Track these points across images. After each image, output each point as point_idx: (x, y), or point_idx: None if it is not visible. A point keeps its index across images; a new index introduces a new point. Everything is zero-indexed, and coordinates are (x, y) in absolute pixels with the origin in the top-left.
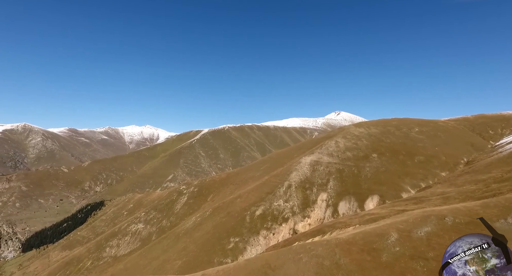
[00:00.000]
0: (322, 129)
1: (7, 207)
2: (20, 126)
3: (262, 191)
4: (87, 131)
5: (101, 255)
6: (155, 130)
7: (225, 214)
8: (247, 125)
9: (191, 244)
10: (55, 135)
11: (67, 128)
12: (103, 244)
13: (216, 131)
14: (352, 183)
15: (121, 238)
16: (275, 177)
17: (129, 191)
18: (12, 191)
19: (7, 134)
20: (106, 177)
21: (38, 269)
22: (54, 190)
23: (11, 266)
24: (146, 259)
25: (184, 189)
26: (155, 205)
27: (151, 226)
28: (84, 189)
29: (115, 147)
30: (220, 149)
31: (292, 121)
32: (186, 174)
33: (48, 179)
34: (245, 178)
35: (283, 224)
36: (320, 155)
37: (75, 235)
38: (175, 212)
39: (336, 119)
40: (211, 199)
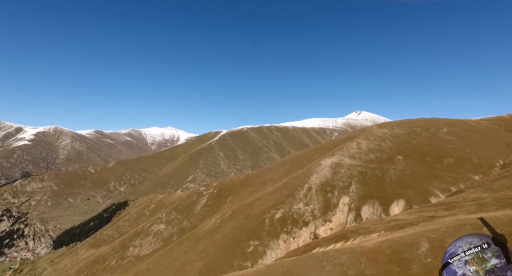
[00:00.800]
0: (342, 130)
1: (40, 205)
2: (51, 128)
3: (282, 193)
4: (112, 133)
5: (125, 254)
6: (176, 132)
7: (245, 217)
8: (266, 126)
9: (211, 246)
10: (83, 137)
11: (93, 130)
12: (126, 244)
13: (234, 133)
14: (375, 186)
15: (143, 238)
16: (294, 179)
17: (151, 191)
18: (45, 190)
19: (40, 136)
20: (129, 177)
21: (67, 266)
22: (82, 189)
23: (43, 262)
24: (167, 260)
25: (203, 190)
26: (176, 206)
27: (172, 226)
28: (109, 188)
29: (138, 148)
30: (238, 150)
31: (311, 122)
32: (205, 175)
33: (76, 179)
34: (264, 180)
35: (304, 228)
36: (341, 156)
37: (101, 234)
38: (195, 213)
39: (357, 119)
40: (230, 201)
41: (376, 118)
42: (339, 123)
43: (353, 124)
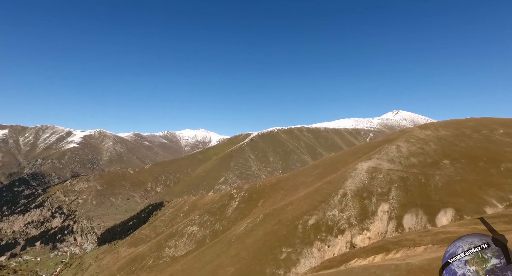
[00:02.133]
0: (378, 130)
1: (87, 204)
2: (96, 132)
3: (315, 199)
4: (149, 136)
5: (161, 255)
6: (208, 134)
7: (276, 222)
8: (296, 127)
9: (243, 251)
10: (123, 140)
11: (133, 133)
12: (162, 244)
13: (265, 134)
14: (419, 193)
15: (178, 239)
16: (328, 184)
17: (184, 192)
18: (90, 190)
19: (87, 139)
20: (165, 178)
21: (109, 263)
22: (122, 189)
23: (89, 257)
24: (200, 262)
25: (235, 193)
26: (208, 208)
27: (204, 228)
28: (146, 189)
29: (173, 149)
30: (269, 152)
31: (344, 122)
32: (236, 177)
33: (117, 179)
34: (295, 184)
35: (339, 236)
36: (379, 160)
37: (139, 233)
38: (226, 216)
39: (394, 119)
40: (262, 205)
41: (416, 118)
42: (374, 124)
43: (390, 124)
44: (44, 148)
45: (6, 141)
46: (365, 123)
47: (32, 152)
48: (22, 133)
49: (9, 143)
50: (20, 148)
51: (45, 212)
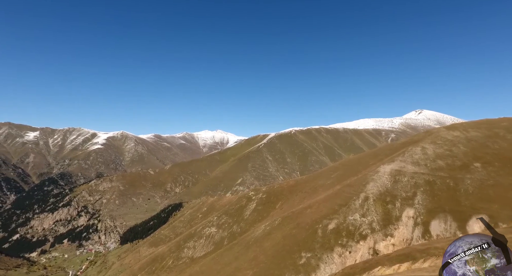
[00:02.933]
0: (400, 131)
1: (110, 203)
2: (119, 134)
3: (335, 202)
4: (168, 137)
5: (180, 255)
6: (225, 135)
7: (295, 225)
8: (314, 128)
9: (261, 254)
10: (144, 141)
11: (153, 135)
12: (181, 245)
13: (282, 135)
14: (447, 198)
15: (196, 240)
16: (348, 187)
17: (203, 193)
18: (113, 190)
19: (110, 141)
20: (184, 179)
21: (131, 262)
22: (143, 190)
23: (112, 256)
24: (219, 264)
25: (252, 195)
26: (226, 210)
27: (223, 230)
28: (166, 189)
29: (191, 150)
30: (287, 153)
31: (363, 123)
32: (254, 178)
33: (138, 180)
34: (314, 186)
35: (361, 242)
36: (403, 163)
37: (159, 234)
38: (244, 218)
39: (417, 119)
40: (280, 207)
41: (441, 118)
42: (396, 124)
43: (413, 124)
44: (71, 149)
45: (37, 142)
46: (386, 124)
47: (60, 153)
48: (51, 135)
49: (40, 145)
50: (50, 149)
51: (72, 211)
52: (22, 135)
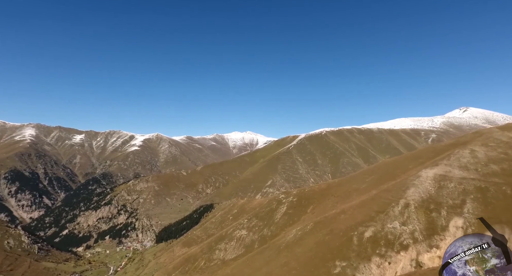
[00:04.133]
0: (442, 131)
1: (146, 203)
2: (154, 136)
3: (371, 208)
4: (200, 139)
5: (212, 257)
6: (255, 136)
7: (328, 231)
8: (346, 128)
9: (293, 260)
10: (177, 143)
11: (185, 136)
12: (213, 246)
13: (313, 136)
14: (503, 208)
15: (227, 242)
16: (386, 193)
17: (233, 194)
18: (149, 190)
19: (146, 142)
20: (214, 180)
21: (166, 261)
22: (176, 190)
23: (148, 254)
24: (249, 268)
25: (283, 198)
26: (256, 213)
27: (253, 233)
28: (198, 190)
29: (221, 152)
30: (317, 155)
31: (400, 122)
32: (284, 180)
33: (172, 180)
34: (348, 190)
35: (402, 253)
36: (449, 167)
37: (191, 234)
38: (275, 221)
39: (461, 118)
40: (311, 211)
41: (490, 116)
42: (437, 123)
43: (457, 123)
44: (111, 151)
45: (83, 144)
46: (426, 123)
47: (103, 154)
48: (95, 138)
49: (85, 146)
50: (93, 150)
51: (112, 209)
52: (70, 138)
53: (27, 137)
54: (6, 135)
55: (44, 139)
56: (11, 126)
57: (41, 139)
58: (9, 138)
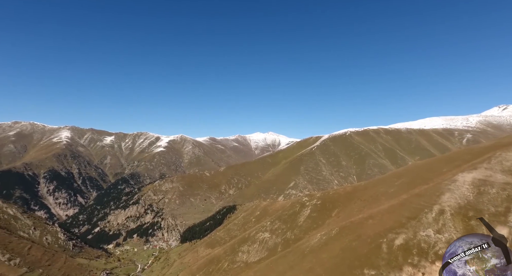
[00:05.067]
0: (479, 130)
1: (171, 203)
2: (178, 137)
3: (401, 214)
4: (222, 140)
5: (235, 259)
6: (277, 137)
7: (355, 237)
8: (372, 129)
9: (318, 266)
10: (200, 144)
11: (208, 137)
12: (236, 248)
13: (336, 137)
14: None
15: (250, 245)
16: (417, 197)
17: (255, 195)
18: (174, 190)
19: (171, 143)
20: (237, 181)
21: (190, 262)
22: (200, 191)
23: (173, 253)
24: (273, 272)
25: (306, 201)
26: (279, 215)
27: (276, 236)
28: (221, 191)
29: (244, 152)
30: (342, 156)
31: (430, 122)
32: (307, 182)
33: (196, 181)
34: (375, 194)
35: (437, 263)
36: (489, 171)
37: (215, 235)
38: (298, 225)
39: (501, 116)
40: (336, 215)
41: None
42: (473, 122)
43: (496, 122)
44: (139, 152)
45: (113, 145)
46: (460, 122)
47: (131, 155)
48: (123, 139)
49: (115, 148)
50: (122, 151)
51: (140, 208)
52: (101, 139)
53: (63, 139)
54: (46, 137)
55: (78, 141)
56: (49, 128)
57: (75, 141)
58: (48, 140)
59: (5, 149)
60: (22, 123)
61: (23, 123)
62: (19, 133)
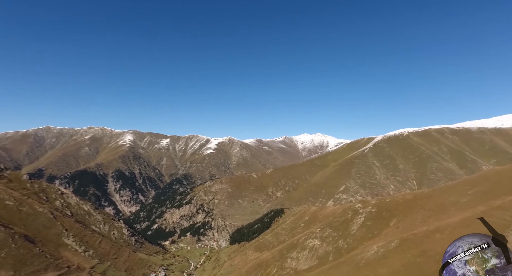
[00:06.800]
0: None
1: (220, 204)
2: (226, 139)
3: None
4: (269, 141)
5: (284, 265)
6: (325, 138)
7: (419, 253)
8: (435, 128)
9: None
10: (247, 146)
11: (255, 139)
12: (284, 254)
13: (392, 138)
14: None
15: (299, 251)
16: (500, 211)
17: (303, 198)
18: (223, 192)
19: (220, 146)
20: (284, 184)
21: (239, 264)
22: (247, 192)
23: (223, 254)
24: None
25: (359, 208)
26: (330, 222)
27: (327, 244)
28: (268, 193)
29: (290, 154)
30: (398, 159)
31: (509, 119)
32: (359, 186)
33: (243, 183)
34: (442, 204)
35: None
36: None
37: (263, 239)
38: (351, 233)
39: None
40: (395, 225)
41: None
42: None
43: None
44: (191, 153)
45: (168, 148)
46: None
47: (184, 157)
48: (177, 142)
49: (170, 150)
50: (176, 153)
51: (192, 208)
52: (158, 142)
53: (127, 142)
54: (113, 140)
55: (139, 143)
56: (116, 133)
57: (137, 143)
58: (114, 143)
59: (82, 151)
60: (94, 128)
61: (95, 128)
62: (93, 137)
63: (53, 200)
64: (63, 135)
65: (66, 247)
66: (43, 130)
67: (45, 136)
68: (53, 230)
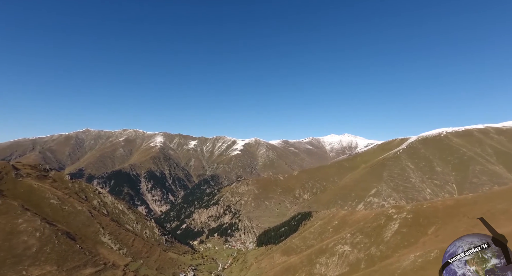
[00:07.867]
0: None
1: (247, 205)
2: (252, 140)
3: None
4: (295, 142)
5: (313, 271)
6: (354, 138)
7: None
8: (477, 128)
9: None
10: (274, 147)
11: (281, 141)
12: (313, 259)
13: (428, 139)
14: None
15: (329, 257)
16: None
17: (331, 201)
18: (249, 193)
19: (246, 147)
20: (311, 186)
21: (267, 267)
22: (274, 194)
23: (250, 256)
24: None
25: (393, 213)
26: (361, 227)
27: (358, 251)
28: (295, 195)
29: (317, 155)
30: (435, 160)
31: None
32: (391, 189)
33: (270, 185)
34: (490, 211)
35: None
36: None
37: (290, 242)
38: (384, 240)
39: None
40: (434, 233)
41: None
42: None
43: None
44: (218, 155)
45: (196, 149)
46: None
47: (211, 158)
48: (205, 143)
49: (197, 151)
50: (204, 154)
51: (219, 209)
52: (186, 143)
53: (157, 144)
54: (145, 142)
55: (169, 145)
56: (147, 134)
57: (167, 145)
58: (146, 144)
59: (117, 152)
60: (128, 130)
61: (129, 130)
62: (127, 139)
63: (91, 199)
64: (101, 137)
65: (102, 245)
66: (83, 133)
67: (85, 139)
68: (91, 228)
